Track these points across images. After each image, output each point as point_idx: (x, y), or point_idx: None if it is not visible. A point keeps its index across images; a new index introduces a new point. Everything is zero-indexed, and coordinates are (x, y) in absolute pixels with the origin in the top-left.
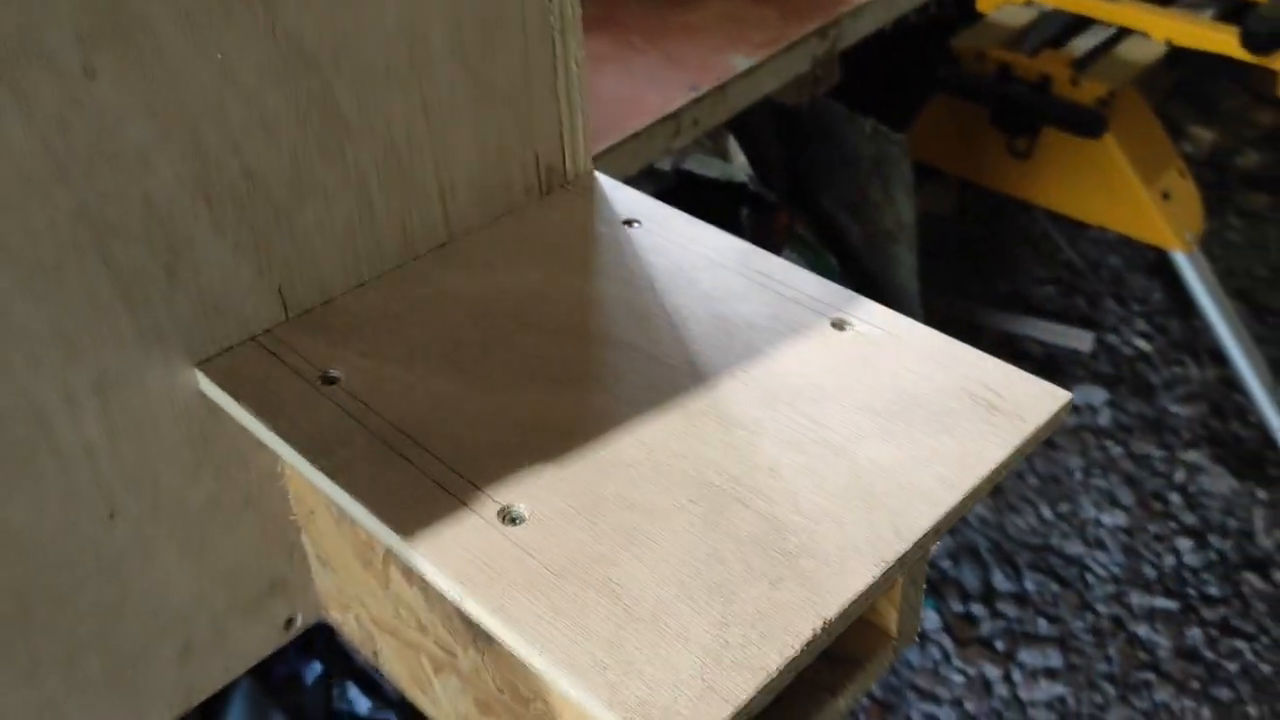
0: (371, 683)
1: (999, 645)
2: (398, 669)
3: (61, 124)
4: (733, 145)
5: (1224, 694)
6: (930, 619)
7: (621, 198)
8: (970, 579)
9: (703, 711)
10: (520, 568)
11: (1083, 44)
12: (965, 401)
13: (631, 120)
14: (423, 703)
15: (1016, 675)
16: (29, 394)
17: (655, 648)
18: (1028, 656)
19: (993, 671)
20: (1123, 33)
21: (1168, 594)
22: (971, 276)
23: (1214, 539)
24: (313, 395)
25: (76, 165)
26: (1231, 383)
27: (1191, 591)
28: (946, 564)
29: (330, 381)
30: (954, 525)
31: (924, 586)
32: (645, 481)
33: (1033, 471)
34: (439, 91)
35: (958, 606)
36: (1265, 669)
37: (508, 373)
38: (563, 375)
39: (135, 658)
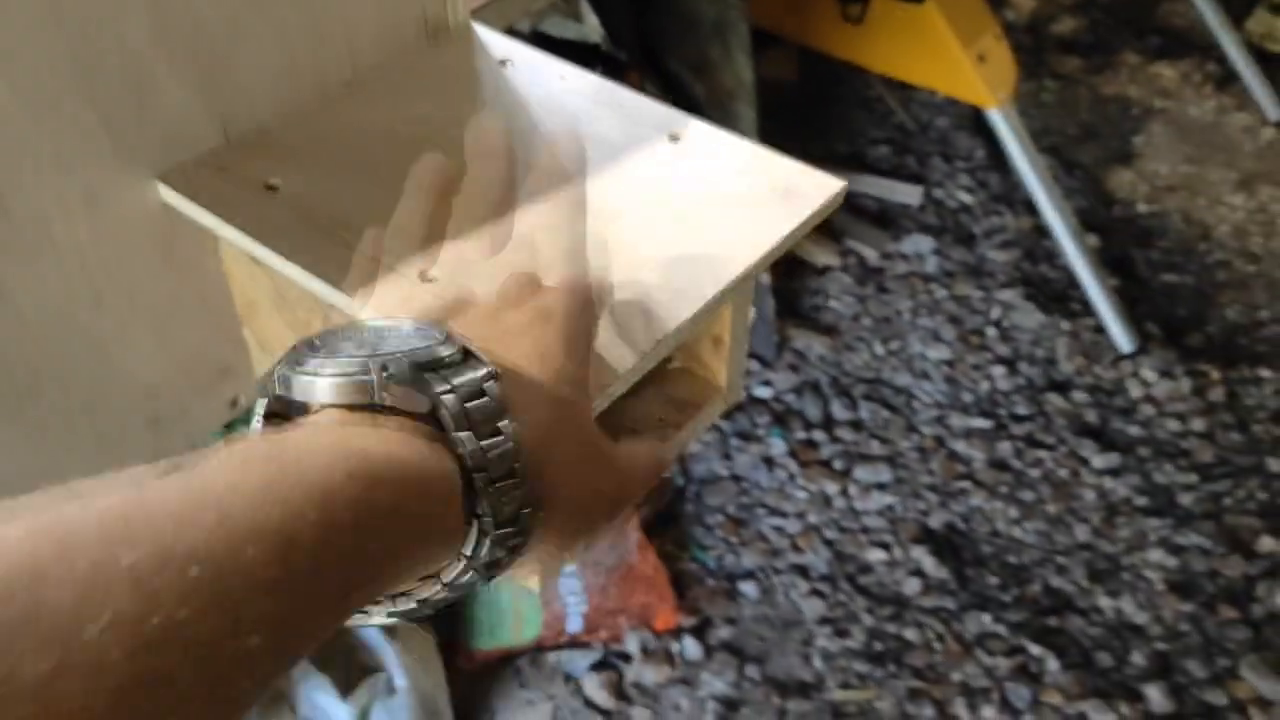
0: None
1: (837, 465)
2: None
3: None
4: (585, 8)
5: (1028, 496)
6: (777, 446)
7: (495, 42)
8: (812, 410)
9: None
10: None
11: None
12: (767, 191)
13: None
14: None
15: (852, 490)
16: (35, 200)
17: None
18: (862, 473)
19: (832, 488)
20: None
21: (982, 415)
22: (812, 138)
23: (1023, 366)
24: (258, 198)
25: (71, 15)
26: (1042, 230)
27: (1003, 412)
28: (791, 398)
29: (271, 189)
30: (796, 363)
31: (746, 349)
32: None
33: (867, 314)
34: None
35: (801, 434)
36: (1063, 473)
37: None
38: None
39: (117, 426)
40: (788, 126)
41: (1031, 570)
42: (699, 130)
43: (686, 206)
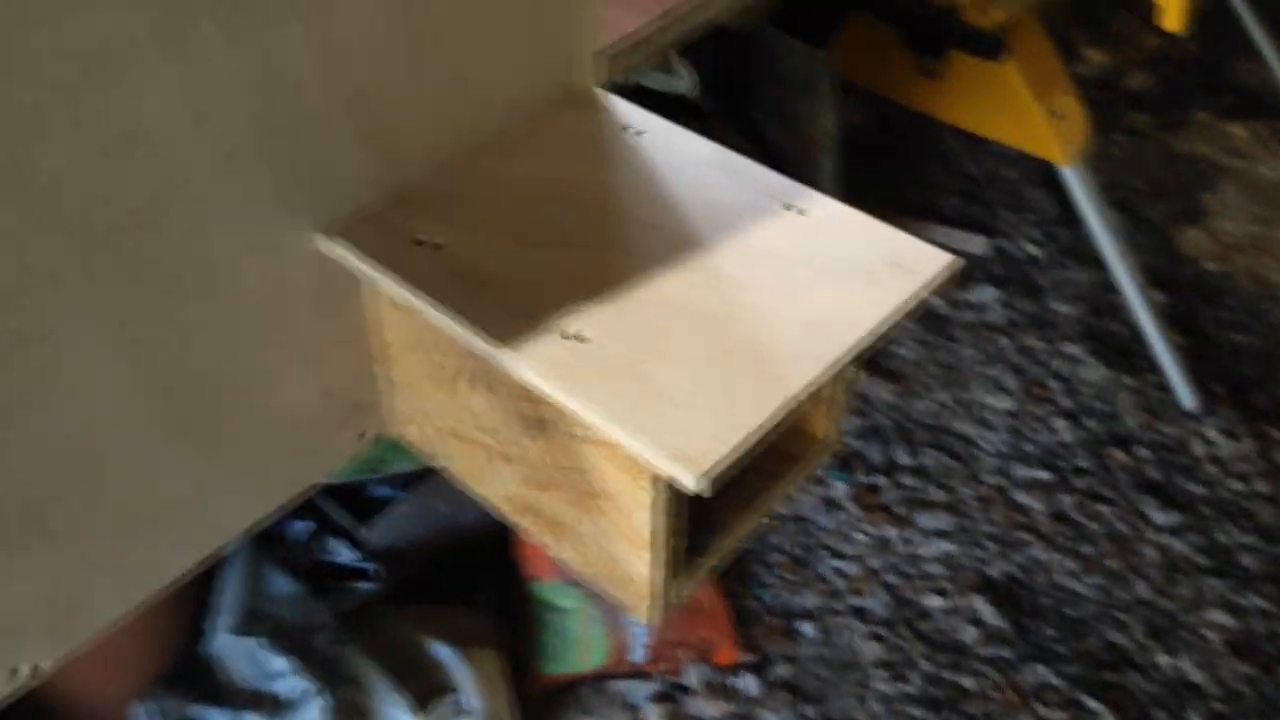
0: (352, 539)
1: (898, 510)
2: (457, 465)
3: (262, 57)
4: (676, 62)
5: (1089, 550)
6: (839, 488)
7: (622, 108)
8: (875, 455)
9: (716, 451)
10: (580, 368)
11: None
12: (881, 262)
13: (608, 39)
14: (478, 490)
15: (913, 535)
16: (214, 248)
17: (684, 416)
18: (923, 519)
19: (892, 532)
20: None
21: (1044, 467)
22: (884, 186)
23: (1086, 420)
24: (408, 251)
25: (260, 82)
26: (1109, 285)
27: (1064, 465)
28: (856, 442)
29: (421, 243)
30: (861, 407)
31: (844, 405)
32: (665, 315)
33: (933, 361)
34: (502, 27)
35: (863, 478)
36: (1124, 529)
37: (552, 237)
38: (593, 240)
39: (264, 452)
40: (859, 174)
41: (1090, 624)
42: (814, 200)
43: (804, 274)
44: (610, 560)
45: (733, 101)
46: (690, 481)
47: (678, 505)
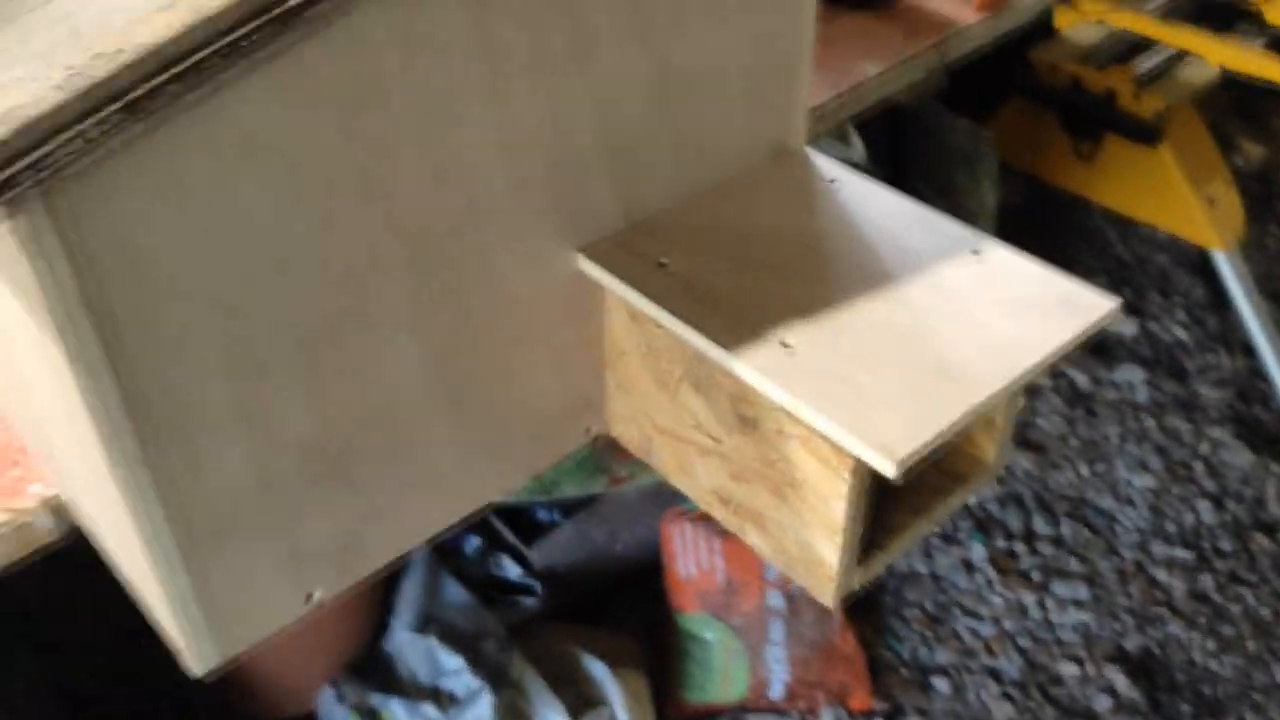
0: (519, 555)
1: (1035, 577)
2: (666, 459)
3: (554, 108)
4: (852, 133)
5: (1228, 631)
6: (977, 551)
7: (823, 164)
8: (1014, 522)
9: (910, 443)
10: (791, 372)
11: (1145, 62)
12: (1053, 301)
13: None
14: (682, 482)
15: (1049, 603)
16: (499, 261)
17: (881, 414)
18: (1059, 588)
19: (1029, 598)
20: (1181, 55)
21: (1185, 546)
22: None
23: (1230, 504)
24: (652, 272)
25: (553, 124)
26: (1258, 372)
27: (1206, 545)
28: (994, 507)
29: (661, 265)
30: (1003, 474)
31: (1008, 432)
32: (864, 333)
33: (1074, 435)
34: (735, 92)
35: (1002, 543)
36: (1265, 612)
37: (766, 265)
38: (801, 270)
39: (507, 439)
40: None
41: (1227, 704)
42: (995, 247)
43: (984, 307)
44: (802, 545)
45: (897, 171)
46: (888, 468)
47: (867, 496)
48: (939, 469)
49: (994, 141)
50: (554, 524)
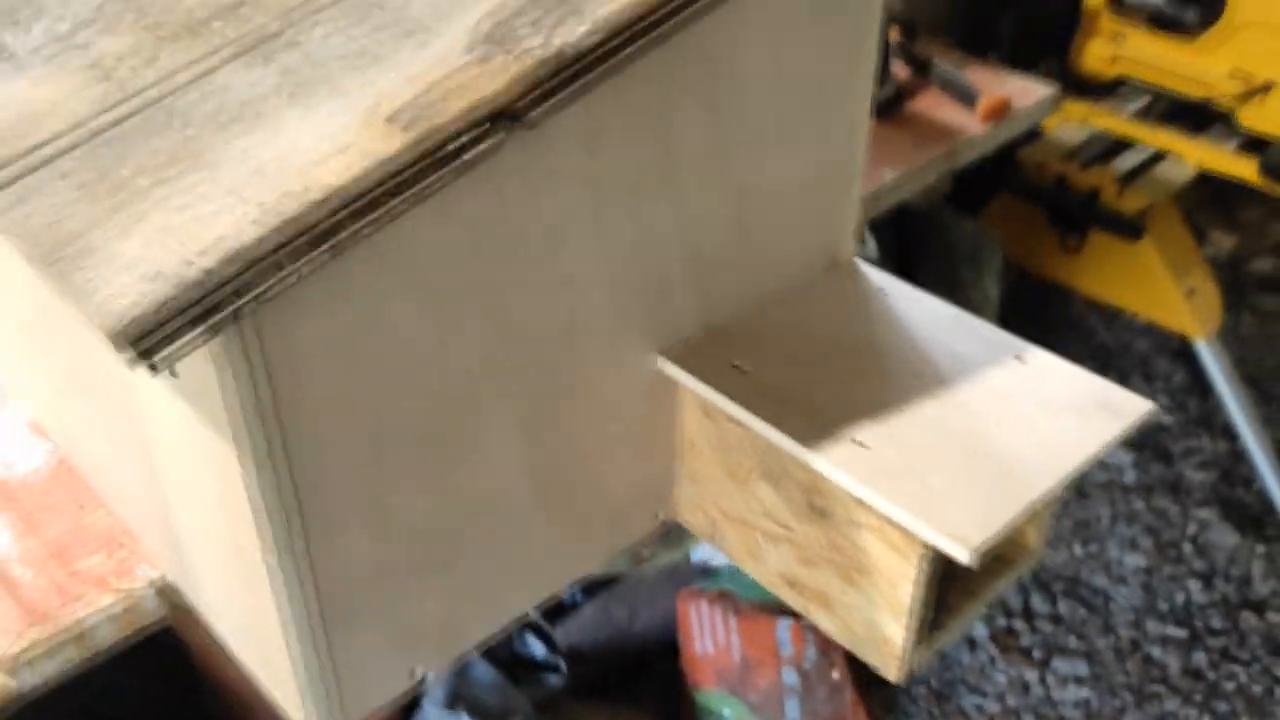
0: (545, 633)
1: (1036, 654)
2: (733, 544)
3: (644, 228)
4: (867, 232)
5: (1222, 707)
6: (979, 630)
7: (872, 274)
8: (1014, 601)
9: (983, 533)
10: (865, 466)
11: (1126, 161)
12: (1094, 402)
13: None
14: (749, 566)
15: (1050, 679)
16: (589, 361)
17: (952, 507)
18: (1060, 665)
19: (1030, 675)
20: (1160, 155)
21: (1178, 624)
22: None
23: (1219, 583)
24: (729, 374)
25: (647, 246)
26: (1240, 455)
27: (1198, 624)
28: None
29: (736, 368)
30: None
31: (1049, 521)
32: (928, 432)
33: (1067, 516)
34: (797, 217)
35: (1002, 621)
36: (1257, 689)
37: (838, 372)
38: (868, 376)
39: (591, 521)
40: None
41: None
42: (1037, 353)
43: (1032, 409)
44: (869, 626)
45: (904, 266)
46: (965, 556)
47: (935, 580)
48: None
49: (1000, 240)
50: (577, 603)
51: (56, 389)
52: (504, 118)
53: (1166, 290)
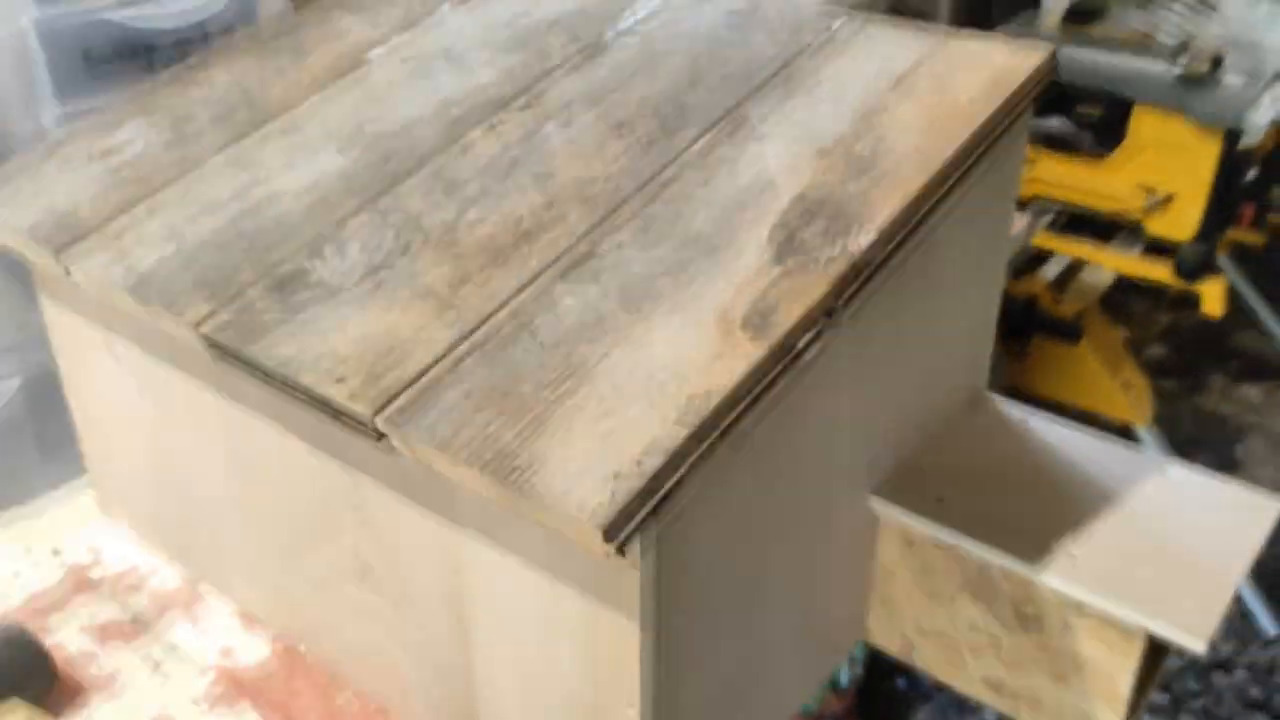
0: None
1: None
2: (931, 658)
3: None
4: None
5: None
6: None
7: (1005, 404)
8: None
9: (1207, 623)
10: (1083, 575)
11: (1051, 270)
12: (1238, 503)
13: None
14: (949, 675)
15: None
16: (840, 512)
17: (1169, 603)
18: None
19: None
20: (1077, 262)
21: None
22: None
23: None
24: (934, 506)
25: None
26: None
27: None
28: None
29: (940, 501)
30: None
31: None
32: (1119, 539)
33: None
34: (956, 357)
35: None
36: None
37: (1013, 494)
38: (1046, 495)
39: (815, 647)
40: None
41: None
42: (1172, 466)
43: (1192, 511)
44: (1082, 718)
45: None
46: (1199, 645)
47: (1149, 669)
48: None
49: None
50: None
51: (286, 580)
52: (822, 314)
53: (1106, 386)
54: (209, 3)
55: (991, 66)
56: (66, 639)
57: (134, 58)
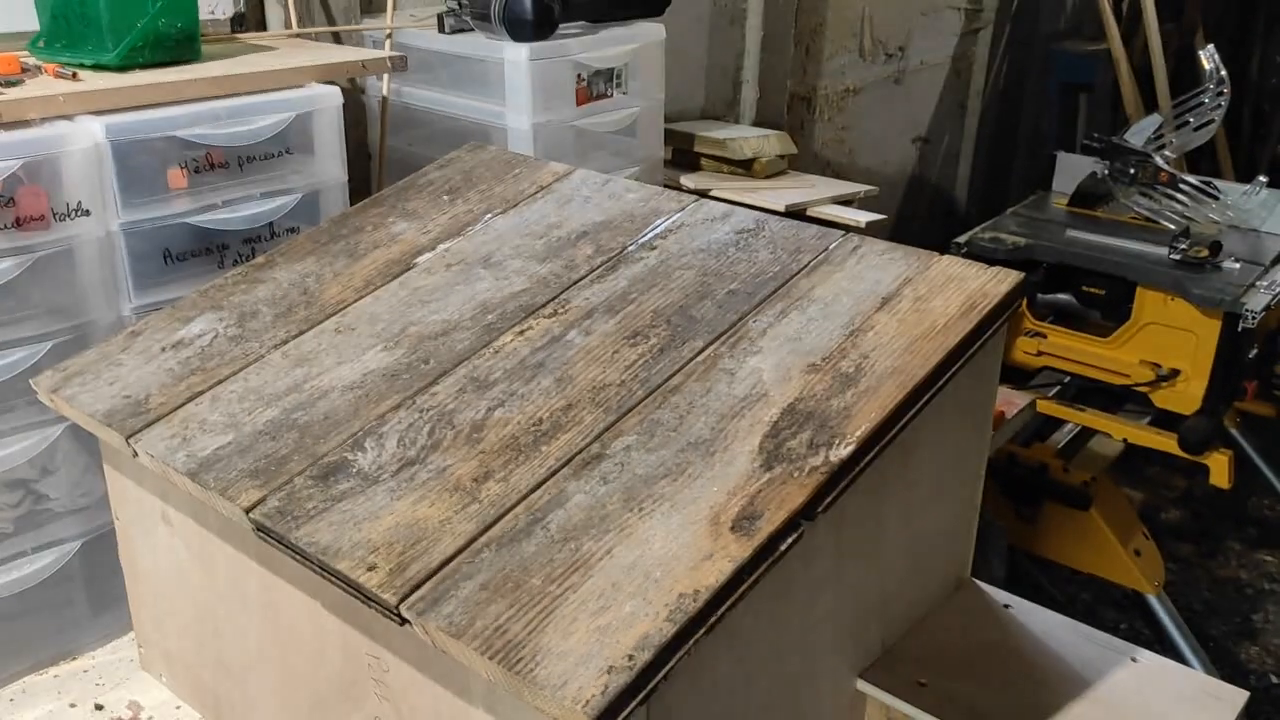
0: None
1: None
2: None
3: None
4: None
5: None
6: None
7: (990, 590)
8: None
9: None
10: None
11: (1061, 437)
12: (1203, 692)
13: None
14: None
15: None
16: (821, 688)
17: None
18: None
19: None
20: (1087, 430)
21: None
22: None
23: None
24: (915, 690)
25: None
26: None
27: None
28: None
29: (921, 685)
30: None
31: None
32: None
33: None
34: (939, 562)
35: None
36: None
37: (993, 679)
38: (1024, 683)
39: None
40: None
41: None
42: (1145, 654)
43: (1160, 699)
44: None
45: None
46: None
47: None
48: None
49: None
50: None
51: None
52: (803, 518)
53: (1116, 553)
54: (278, 206)
55: (967, 291)
56: None
57: (208, 254)
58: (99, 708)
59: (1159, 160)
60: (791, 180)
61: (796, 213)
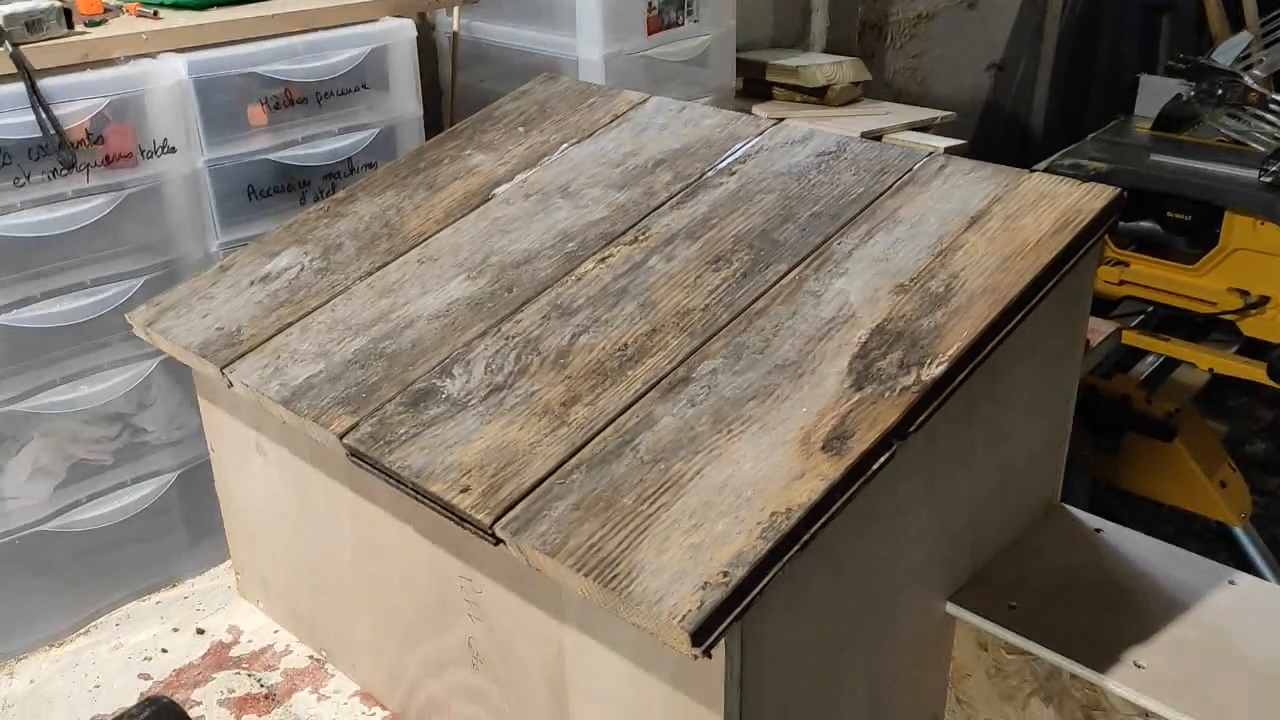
0: None
1: None
2: None
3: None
4: None
5: None
6: None
7: (1079, 514)
8: None
9: None
10: (1155, 686)
11: (1144, 369)
12: None
13: None
14: None
15: None
16: (912, 609)
17: (1230, 716)
18: None
19: None
20: (1171, 360)
21: None
22: None
23: None
24: (1007, 613)
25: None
26: None
27: None
28: None
29: (1013, 608)
30: None
31: None
32: (1187, 652)
33: None
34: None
35: None
36: None
37: (1092, 603)
38: (1117, 606)
39: None
40: None
41: None
42: (1243, 576)
43: (1258, 623)
44: None
45: None
46: None
47: None
48: None
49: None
50: None
51: (403, 662)
52: (895, 437)
53: (1201, 485)
54: (356, 141)
55: (1060, 208)
56: (208, 710)
57: (290, 191)
58: (200, 632)
59: (1248, 80)
60: (866, 108)
61: (873, 140)
